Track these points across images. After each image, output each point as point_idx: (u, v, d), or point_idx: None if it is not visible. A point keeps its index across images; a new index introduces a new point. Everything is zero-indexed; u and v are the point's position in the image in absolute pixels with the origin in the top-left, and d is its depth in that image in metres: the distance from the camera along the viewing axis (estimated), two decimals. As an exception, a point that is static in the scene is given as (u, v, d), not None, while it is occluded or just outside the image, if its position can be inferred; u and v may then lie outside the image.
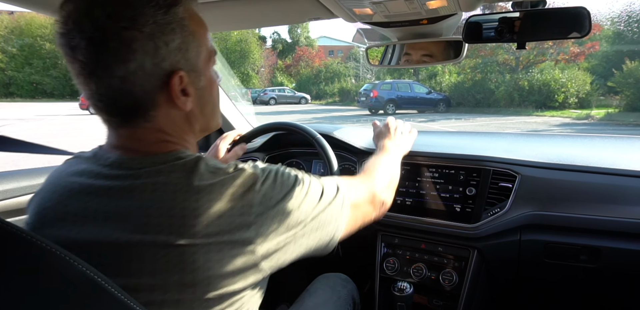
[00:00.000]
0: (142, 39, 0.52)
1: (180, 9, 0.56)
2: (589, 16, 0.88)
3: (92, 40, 0.51)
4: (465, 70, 19.48)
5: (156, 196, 0.53)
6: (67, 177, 0.60)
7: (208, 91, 0.64)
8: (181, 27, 0.56)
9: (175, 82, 0.56)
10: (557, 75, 15.02)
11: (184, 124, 0.62)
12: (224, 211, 0.53)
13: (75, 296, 0.43)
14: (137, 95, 0.55)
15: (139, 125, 0.58)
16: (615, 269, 1.07)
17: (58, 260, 0.42)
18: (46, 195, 0.60)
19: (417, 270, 1.25)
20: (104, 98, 0.55)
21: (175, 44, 0.55)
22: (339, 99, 25.45)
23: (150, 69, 0.54)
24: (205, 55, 0.62)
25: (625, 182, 1.07)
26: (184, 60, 0.57)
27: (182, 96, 0.58)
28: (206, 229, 0.52)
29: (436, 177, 1.26)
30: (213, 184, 0.55)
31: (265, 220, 0.56)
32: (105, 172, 0.57)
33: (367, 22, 1.10)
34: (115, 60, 0.52)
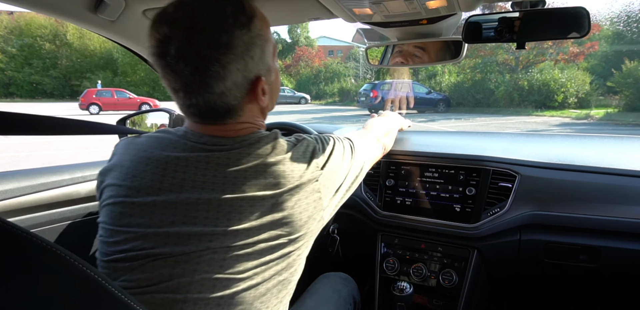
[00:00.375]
0: (235, 59, 0.61)
1: (256, 20, 0.64)
2: (588, 16, 0.88)
3: (197, 68, 0.60)
4: (465, 70, 19.48)
5: (251, 162, 0.65)
6: (160, 151, 0.68)
7: (275, 82, 0.75)
8: (259, 37, 0.65)
9: (258, 87, 0.67)
10: (556, 75, 15.03)
11: (260, 113, 0.74)
12: (301, 169, 0.68)
13: (75, 296, 0.43)
14: (231, 104, 0.66)
15: (227, 122, 0.68)
16: (615, 269, 1.07)
17: (59, 260, 0.42)
18: (138, 167, 0.67)
19: (417, 270, 1.25)
20: (203, 109, 0.65)
21: (257, 55, 0.65)
22: (338, 99, 25.44)
23: (240, 82, 0.64)
24: (272, 51, 0.70)
25: (625, 181, 1.07)
26: (262, 64, 0.67)
27: (262, 96, 0.69)
28: (291, 182, 0.66)
29: (436, 177, 1.26)
30: (291, 150, 0.69)
31: (326, 174, 0.72)
32: (201, 147, 0.67)
33: (367, 22, 1.10)
34: (215, 81, 0.61)
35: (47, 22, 30.17)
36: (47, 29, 30.46)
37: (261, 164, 0.65)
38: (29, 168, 1.23)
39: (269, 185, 0.64)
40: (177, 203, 0.63)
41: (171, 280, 0.60)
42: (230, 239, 0.61)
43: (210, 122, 0.68)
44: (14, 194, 1.08)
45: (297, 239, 0.68)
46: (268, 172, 0.65)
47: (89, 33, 29.09)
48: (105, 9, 1.03)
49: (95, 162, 1.34)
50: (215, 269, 0.61)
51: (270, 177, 0.65)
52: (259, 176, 0.64)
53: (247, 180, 0.63)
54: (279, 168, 0.66)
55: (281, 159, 0.67)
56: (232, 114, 0.68)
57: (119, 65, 30.83)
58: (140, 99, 19.56)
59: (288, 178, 0.66)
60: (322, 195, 0.70)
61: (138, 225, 0.63)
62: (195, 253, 0.61)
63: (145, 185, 0.65)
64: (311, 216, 0.69)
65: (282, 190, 0.65)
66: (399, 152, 1.35)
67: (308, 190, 0.68)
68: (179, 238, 0.61)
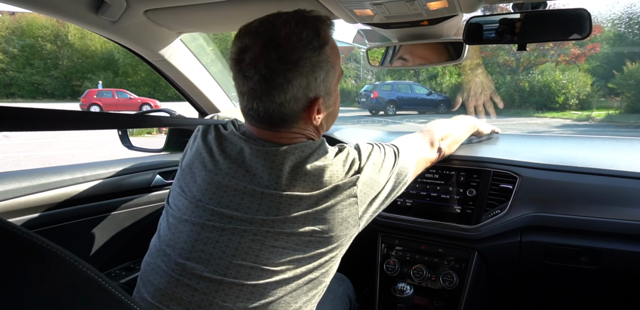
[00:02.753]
0: (299, 76, 0.68)
1: (327, 47, 0.71)
2: (589, 18, 0.88)
3: (264, 77, 0.67)
4: (465, 72, 19.47)
5: (295, 163, 0.71)
6: (231, 137, 0.78)
7: (334, 106, 0.81)
8: (326, 62, 0.71)
9: (315, 107, 0.73)
10: (557, 76, 15.01)
11: (313, 131, 0.79)
12: (340, 174, 0.73)
13: (75, 296, 0.43)
14: (287, 115, 0.72)
15: (282, 131, 0.75)
16: (616, 271, 1.07)
17: (59, 260, 0.42)
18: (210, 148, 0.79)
19: (417, 272, 1.24)
20: (262, 114, 0.72)
21: (321, 77, 0.71)
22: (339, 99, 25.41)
23: (300, 98, 0.70)
24: (337, 77, 0.77)
25: (626, 183, 1.07)
26: (324, 88, 0.73)
27: (316, 115, 0.74)
28: (327, 186, 0.71)
29: (436, 178, 1.26)
30: (332, 159, 0.74)
31: (363, 180, 0.75)
32: (257, 142, 0.74)
33: (368, 23, 1.10)
34: (277, 91, 0.68)
35: (49, 22, 30.21)
36: (48, 30, 30.50)
37: (304, 167, 0.71)
38: (29, 168, 1.23)
39: (309, 187, 0.70)
40: (228, 187, 0.72)
41: (210, 260, 0.68)
42: (265, 228, 0.68)
43: (264, 128, 0.75)
44: (14, 194, 1.08)
45: (331, 240, 0.72)
46: (310, 175, 0.71)
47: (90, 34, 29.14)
48: (107, 10, 1.03)
49: (95, 162, 1.34)
50: (252, 258, 0.68)
51: (311, 180, 0.71)
52: (300, 178, 0.70)
53: (290, 180, 0.70)
54: (321, 172, 0.71)
55: (323, 164, 0.72)
56: (287, 124, 0.74)
57: (119, 65, 30.85)
58: (141, 99, 19.60)
59: (327, 181, 0.71)
60: (358, 200, 0.74)
61: (193, 196, 0.75)
62: (235, 236, 0.69)
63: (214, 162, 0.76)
64: (345, 219, 0.73)
65: (320, 191, 0.70)
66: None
67: (345, 194, 0.72)
68: (221, 219, 0.70)
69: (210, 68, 1.63)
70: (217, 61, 1.85)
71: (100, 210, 1.27)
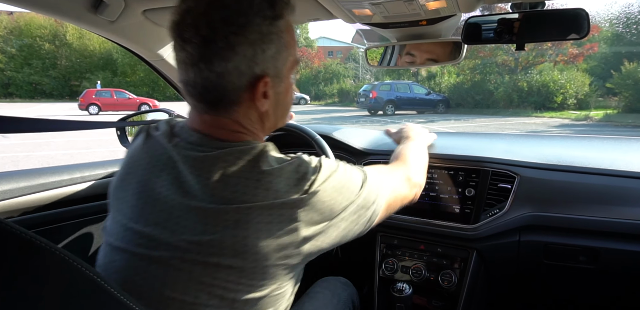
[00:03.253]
0: (245, 43, 0.60)
1: (282, 22, 0.63)
2: (587, 17, 0.88)
3: (204, 39, 0.59)
4: (464, 71, 19.50)
5: (225, 172, 0.61)
6: (164, 141, 0.69)
7: (284, 95, 0.71)
8: (279, 38, 0.63)
9: (260, 85, 0.63)
10: (556, 76, 15.06)
11: (257, 121, 0.69)
12: (280, 191, 0.60)
13: (75, 296, 0.42)
14: (227, 90, 0.62)
15: (221, 115, 0.65)
16: (614, 270, 1.07)
17: (58, 260, 0.42)
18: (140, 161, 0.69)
19: (416, 271, 1.25)
20: (198, 86, 0.63)
21: (270, 52, 0.62)
22: (338, 99, 25.46)
23: (244, 70, 0.61)
24: (291, 62, 0.69)
25: (624, 183, 1.07)
26: (273, 67, 0.64)
27: (262, 98, 0.65)
28: (262, 201, 0.59)
29: (435, 178, 1.26)
30: (274, 168, 0.62)
31: (313, 204, 0.62)
32: (190, 146, 0.65)
33: (367, 23, 1.10)
34: (217, 58, 0.59)
35: (47, 22, 30.16)
36: (46, 29, 30.45)
37: (235, 175, 0.60)
38: (28, 168, 1.23)
39: (239, 199, 0.59)
40: (156, 200, 0.63)
41: (142, 292, 0.58)
42: (190, 256, 0.58)
43: (202, 110, 0.66)
44: (13, 194, 1.08)
45: (266, 272, 0.60)
46: (241, 185, 0.59)
47: (88, 33, 29.09)
48: (105, 10, 1.02)
49: (94, 162, 1.34)
50: (180, 291, 0.59)
51: (242, 191, 0.59)
52: (230, 188, 0.59)
53: (217, 189, 0.60)
54: (255, 183, 0.60)
55: (261, 174, 0.61)
56: (226, 105, 0.64)
57: (118, 65, 30.82)
58: (139, 99, 19.55)
59: (262, 195, 0.59)
60: (299, 225, 0.60)
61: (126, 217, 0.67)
62: (162, 265, 0.60)
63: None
64: (284, 247, 0.60)
65: (250, 206, 0.58)
66: (399, 153, 1.35)
67: (283, 215, 0.59)
68: (149, 241, 0.61)
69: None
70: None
71: (99, 210, 1.27)
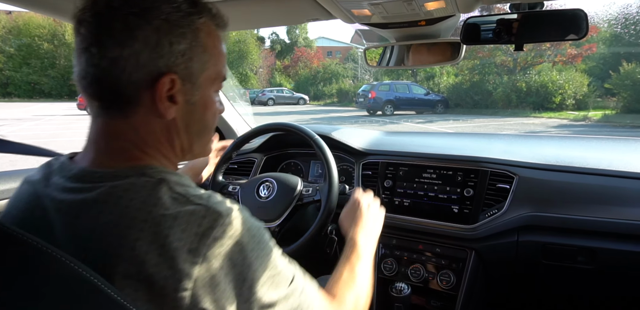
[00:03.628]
0: (147, 29, 0.52)
1: (199, 21, 0.56)
2: (586, 18, 0.88)
3: (98, 16, 0.52)
4: (463, 72, 19.53)
5: (102, 219, 0.48)
6: (39, 186, 0.57)
7: (201, 110, 0.60)
8: (194, 36, 0.55)
9: (163, 83, 0.53)
10: (554, 76, 15.08)
11: (163, 134, 0.57)
12: (165, 251, 0.46)
13: (71, 297, 0.42)
14: (122, 82, 0.52)
15: (116, 118, 0.55)
16: (612, 270, 1.07)
17: (54, 261, 0.42)
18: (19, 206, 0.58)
19: (414, 271, 1.25)
20: (89, 75, 0.53)
21: (180, 47, 0.54)
22: (337, 99, 25.46)
23: (144, 61, 0.52)
24: (212, 73, 0.59)
25: (622, 183, 1.07)
26: (184, 67, 0.55)
27: (167, 101, 0.54)
28: (136, 267, 0.45)
29: (434, 178, 1.26)
30: (166, 215, 0.48)
31: (205, 278, 0.47)
32: (67, 186, 0.53)
33: (366, 23, 1.10)
34: (112, 42, 0.51)
35: (46, 21, 30.09)
36: (45, 29, 30.38)
37: (115, 230, 0.47)
38: (26, 168, 1.23)
39: (100, 262, 0.45)
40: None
41: None
42: None
43: (99, 109, 0.55)
44: (9, 194, 1.08)
45: None
46: (105, 238, 0.47)
47: (87, 33, 29.00)
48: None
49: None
50: None
51: (104, 249, 0.46)
52: (102, 243, 0.47)
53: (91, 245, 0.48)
54: (125, 236, 0.46)
55: (141, 222, 0.47)
56: (122, 103, 0.54)
57: (117, 65, 30.72)
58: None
59: (130, 256, 0.46)
60: (182, 302, 0.46)
61: None
62: None
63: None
64: None
65: (109, 272, 0.45)
66: (397, 153, 1.35)
67: (155, 290, 0.45)
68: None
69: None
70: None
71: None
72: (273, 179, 1.24)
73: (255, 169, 1.56)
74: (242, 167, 1.60)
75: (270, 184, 1.23)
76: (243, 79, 29.71)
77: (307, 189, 1.21)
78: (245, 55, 30.09)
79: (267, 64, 33.76)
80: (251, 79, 30.73)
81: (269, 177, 1.25)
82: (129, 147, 0.55)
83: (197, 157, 0.65)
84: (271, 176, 1.26)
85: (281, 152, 1.64)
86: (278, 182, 1.23)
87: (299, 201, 1.19)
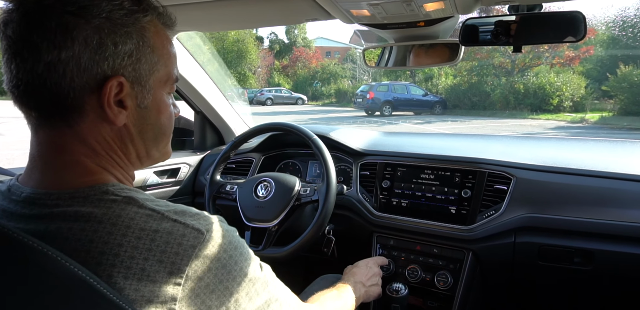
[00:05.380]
0: (87, 29, 0.47)
1: (144, 19, 0.52)
2: (584, 20, 0.89)
3: (28, 15, 0.46)
4: (461, 73, 19.56)
5: (67, 245, 0.45)
6: None
7: (154, 114, 0.56)
8: (140, 36, 0.51)
9: (110, 87, 0.49)
10: (552, 78, 15.13)
11: (115, 142, 0.53)
12: (145, 276, 0.44)
13: (64, 295, 0.42)
14: (62, 89, 0.47)
15: (59, 128, 0.50)
16: (609, 272, 1.08)
17: (47, 258, 0.41)
18: None
19: (412, 272, 1.25)
20: (21, 83, 0.48)
21: (126, 48, 0.50)
22: (335, 100, 25.47)
23: (86, 64, 0.47)
24: (162, 75, 0.55)
25: (619, 185, 1.08)
26: (132, 69, 0.51)
27: (116, 106, 0.50)
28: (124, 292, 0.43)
29: (432, 178, 1.26)
30: (141, 237, 0.45)
31: (196, 298, 0.46)
32: (18, 212, 0.48)
33: (364, 23, 1.10)
34: (47, 44, 0.46)
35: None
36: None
37: (81, 251, 0.44)
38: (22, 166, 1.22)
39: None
40: None
41: None
42: None
43: (38, 120, 0.50)
44: None
45: None
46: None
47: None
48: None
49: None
50: None
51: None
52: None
53: None
54: (99, 266, 0.44)
55: (116, 247, 0.44)
56: (63, 110, 0.49)
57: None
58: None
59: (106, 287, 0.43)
60: None
61: None
62: None
63: None
64: None
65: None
66: (395, 153, 1.35)
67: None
68: None
69: (206, 67, 1.62)
70: (213, 60, 1.84)
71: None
72: (271, 178, 1.24)
73: (253, 168, 1.56)
74: (240, 167, 1.60)
75: (268, 184, 1.23)
76: (241, 78, 29.67)
77: (305, 189, 1.21)
78: (244, 54, 30.04)
79: (266, 64, 33.73)
80: (249, 79, 30.69)
81: (267, 177, 1.25)
82: (80, 160, 0.50)
83: (156, 162, 0.61)
84: (269, 176, 1.25)
85: (279, 152, 1.64)
86: (276, 182, 1.22)
87: (297, 201, 1.19)
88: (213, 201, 1.30)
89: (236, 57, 29.43)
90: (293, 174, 1.39)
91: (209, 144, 1.83)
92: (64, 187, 0.49)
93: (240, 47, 29.68)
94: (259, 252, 1.15)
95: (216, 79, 1.69)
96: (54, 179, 0.50)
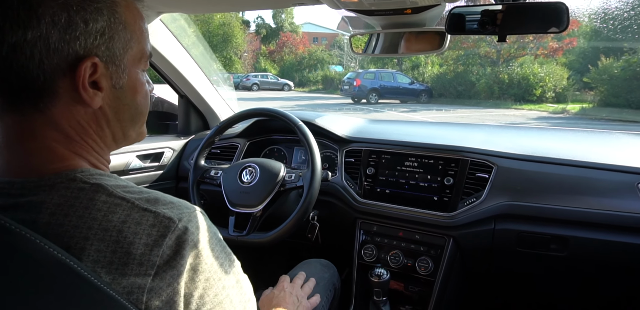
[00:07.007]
0: (53, 6, 0.44)
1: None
2: (567, 11, 0.90)
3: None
4: (447, 62, 19.62)
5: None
6: None
7: (130, 94, 0.54)
8: (111, 11, 0.48)
9: (84, 68, 0.46)
10: (536, 69, 15.32)
11: (89, 125, 0.51)
12: (113, 269, 0.43)
13: (47, 280, 0.42)
14: (31, 72, 0.45)
15: (29, 114, 0.47)
16: (583, 257, 1.12)
17: (29, 243, 0.41)
18: None
19: (394, 257, 1.27)
20: None
21: (98, 26, 0.47)
22: (322, 86, 25.32)
23: (55, 45, 0.44)
24: (136, 53, 0.53)
25: (595, 174, 1.11)
26: (106, 48, 0.48)
27: (91, 88, 0.48)
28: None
29: (415, 166, 1.28)
30: (109, 229, 0.43)
31: (171, 292, 0.45)
32: None
33: (352, 9, 1.09)
34: (9, 23, 0.43)
35: None
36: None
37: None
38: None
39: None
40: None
41: None
42: None
43: (6, 108, 0.48)
44: None
45: None
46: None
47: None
48: None
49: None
50: None
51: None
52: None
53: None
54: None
55: (82, 240, 0.43)
56: (34, 95, 0.46)
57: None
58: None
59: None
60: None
61: None
62: None
63: None
64: None
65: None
66: (380, 141, 1.36)
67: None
68: None
69: (191, 50, 1.59)
70: (198, 43, 1.80)
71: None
72: (256, 164, 1.24)
73: (238, 154, 1.56)
74: (225, 152, 1.59)
75: (253, 170, 1.22)
76: (227, 63, 29.14)
77: (290, 175, 1.21)
78: (230, 38, 29.44)
79: (252, 49, 33.18)
80: (235, 64, 30.17)
81: (252, 163, 1.25)
82: (50, 146, 0.48)
83: (132, 142, 0.59)
84: (254, 161, 1.25)
85: (264, 138, 1.63)
86: (261, 167, 1.22)
87: (282, 187, 1.20)
88: (197, 186, 1.29)
89: (222, 40, 28.82)
90: (278, 160, 1.39)
91: (193, 129, 1.81)
92: (30, 175, 0.46)
93: (226, 31, 29.05)
94: (243, 237, 1.16)
95: (201, 63, 1.66)
96: (19, 167, 0.47)
